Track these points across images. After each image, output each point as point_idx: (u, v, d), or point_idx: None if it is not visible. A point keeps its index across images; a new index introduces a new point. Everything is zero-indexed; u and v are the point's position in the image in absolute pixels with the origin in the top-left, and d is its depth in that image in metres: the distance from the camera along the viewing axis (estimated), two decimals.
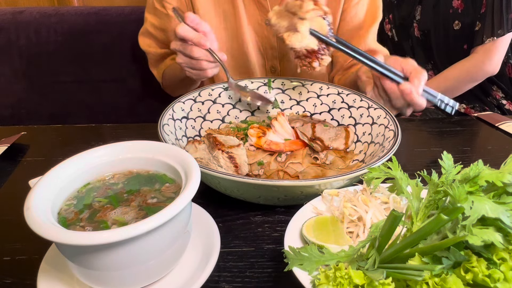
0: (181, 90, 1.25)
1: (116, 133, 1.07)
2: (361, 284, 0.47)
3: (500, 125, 1.07)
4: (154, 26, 1.22)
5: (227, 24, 1.18)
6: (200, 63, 0.92)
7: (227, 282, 0.61)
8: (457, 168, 0.53)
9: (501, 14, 1.45)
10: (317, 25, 0.86)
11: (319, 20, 0.86)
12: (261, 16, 1.15)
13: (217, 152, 0.80)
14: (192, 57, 0.91)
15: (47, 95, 1.62)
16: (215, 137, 0.83)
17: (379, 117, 0.91)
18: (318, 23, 0.86)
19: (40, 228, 0.46)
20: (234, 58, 1.19)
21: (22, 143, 0.99)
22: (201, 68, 0.93)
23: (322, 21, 0.86)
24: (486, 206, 0.44)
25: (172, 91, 1.34)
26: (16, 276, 0.62)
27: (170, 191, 0.59)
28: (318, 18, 0.86)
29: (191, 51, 0.90)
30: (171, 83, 1.27)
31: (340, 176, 0.68)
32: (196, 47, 0.90)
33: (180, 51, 0.92)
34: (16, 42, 1.54)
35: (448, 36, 1.59)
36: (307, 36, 0.86)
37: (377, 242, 0.49)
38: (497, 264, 0.43)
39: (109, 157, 0.62)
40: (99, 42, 1.56)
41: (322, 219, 0.62)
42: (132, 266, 0.51)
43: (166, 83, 1.30)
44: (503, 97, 1.65)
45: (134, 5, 1.63)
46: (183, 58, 0.93)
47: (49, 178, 0.56)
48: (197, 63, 0.92)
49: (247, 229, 0.71)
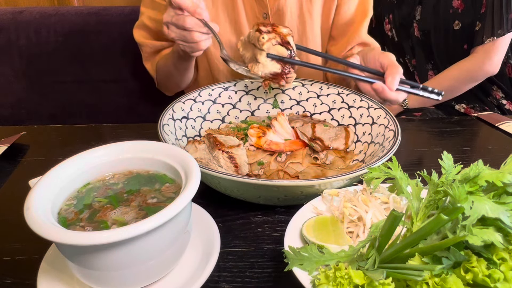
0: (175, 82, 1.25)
1: (116, 133, 1.07)
2: (361, 284, 0.47)
3: (500, 125, 1.07)
4: (150, 18, 1.20)
5: (226, 16, 1.18)
6: (192, 34, 0.91)
7: (227, 282, 0.61)
8: (457, 168, 0.53)
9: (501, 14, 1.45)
10: (276, 52, 0.91)
11: (277, 48, 0.91)
12: (259, 9, 1.15)
13: (217, 152, 0.80)
14: (185, 27, 0.90)
15: (47, 95, 1.62)
16: (215, 137, 0.83)
17: (379, 117, 0.91)
18: (276, 50, 0.91)
19: (40, 228, 0.46)
20: (233, 50, 1.19)
21: (22, 143, 0.99)
22: (193, 40, 0.92)
23: (280, 48, 0.91)
24: (486, 206, 0.44)
25: (166, 86, 1.32)
26: (16, 276, 0.62)
27: (170, 191, 0.59)
28: (276, 46, 0.91)
29: (184, 21, 0.89)
30: (165, 73, 1.24)
31: (340, 176, 0.68)
32: (189, 17, 0.89)
33: (172, 22, 0.91)
34: (16, 42, 1.54)
35: (448, 36, 1.59)
36: (267, 64, 0.92)
37: (377, 242, 0.49)
38: (497, 264, 0.43)
39: (109, 157, 0.62)
40: (99, 42, 1.56)
41: (322, 219, 0.62)
42: (132, 266, 0.51)
43: (159, 76, 1.28)
44: (503, 97, 1.65)
45: (134, 5, 1.63)
46: (175, 31, 0.92)
47: (49, 178, 0.56)
48: (189, 34, 0.91)
49: (247, 229, 0.71)
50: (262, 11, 1.15)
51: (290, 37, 0.93)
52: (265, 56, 0.91)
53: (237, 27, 1.18)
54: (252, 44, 0.94)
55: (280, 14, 1.16)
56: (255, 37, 0.93)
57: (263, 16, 1.16)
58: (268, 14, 1.16)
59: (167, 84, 1.29)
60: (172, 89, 1.32)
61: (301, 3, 1.17)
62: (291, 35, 0.94)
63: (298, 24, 1.19)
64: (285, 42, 0.92)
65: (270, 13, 1.16)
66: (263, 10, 1.15)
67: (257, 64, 0.92)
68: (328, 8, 1.20)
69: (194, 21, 0.90)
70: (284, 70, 0.93)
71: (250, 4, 1.16)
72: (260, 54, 0.91)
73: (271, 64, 0.92)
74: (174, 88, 1.31)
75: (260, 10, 1.15)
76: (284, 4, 1.15)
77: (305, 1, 1.17)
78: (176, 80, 1.24)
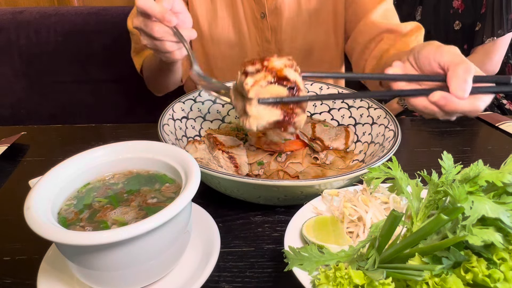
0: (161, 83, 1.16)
1: (116, 133, 1.07)
2: (361, 284, 0.47)
3: (500, 125, 1.07)
4: None
5: (225, 14, 1.17)
6: (164, 44, 0.79)
7: (227, 282, 0.61)
8: (457, 168, 0.53)
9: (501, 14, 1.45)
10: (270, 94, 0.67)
11: (270, 89, 0.66)
12: (257, 8, 1.15)
13: (217, 152, 0.80)
14: (154, 36, 0.77)
15: (47, 95, 1.62)
16: (215, 137, 0.83)
17: (379, 117, 0.91)
18: (269, 92, 0.67)
19: (40, 228, 0.46)
20: (231, 48, 1.18)
21: (22, 143, 0.99)
22: (166, 50, 0.80)
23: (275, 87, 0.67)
24: (486, 206, 0.44)
25: (154, 86, 1.23)
26: (16, 276, 0.62)
27: (170, 191, 0.59)
28: (269, 87, 0.66)
29: (151, 29, 0.76)
30: (151, 74, 1.16)
31: (340, 176, 0.68)
32: (158, 24, 0.76)
33: (141, 29, 0.79)
34: (16, 42, 1.54)
35: (448, 36, 1.59)
36: (262, 114, 0.68)
37: (377, 242, 0.49)
38: (497, 264, 0.43)
39: (109, 157, 0.62)
40: (99, 42, 1.56)
41: (322, 219, 0.62)
42: (132, 266, 0.51)
43: (147, 76, 1.20)
44: (503, 97, 1.65)
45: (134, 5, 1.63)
46: (146, 38, 0.80)
47: (49, 178, 0.56)
48: (160, 44, 0.79)
49: (247, 229, 0.71)
50: (260, 10, 1.15)
51: (287, 69, 0.68)
52: (256, 105, 0.67)
53: (237, 25, 1.17)
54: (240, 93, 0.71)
55: (278, 13, 1.15)
56: (241, 82, 0.69)
57: (261, 16, 1.15)
58: (265, 13, 1.15)
59: (155, 84, 1.22)
60: (161, 89, 1.25)
61: (299, 1, 1.15)
62: (288, 66, 0.69)
63: (298, 23, 1.16)
64: (280, 78, 0.67)
65: (268, 12, 1.14)
66: (261, 10, 1.14)
67: (247, 118, 0.68)
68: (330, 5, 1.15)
69: (163, 29, 0.77)
70: (287, 114, 0.68)
71: (248, 3, 1.15)
72: (249, 104, 0.68)
73: (268, 111, 0.68)
74: (162, 89, 1.23)
75: (258, 9, 1.15)
76: (281, 2, 1.13)
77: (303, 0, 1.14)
78: (162, 81, 1.15)
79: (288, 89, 0.67)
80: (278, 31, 1.16)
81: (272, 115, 0.68)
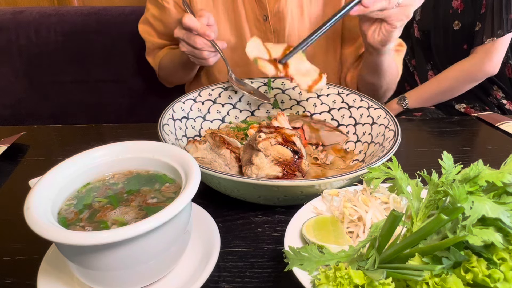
0: (179, 77, 1.31)
1: (116, 133, 1.07)
2: (361, 284, 0.47)
3: (500, 125, 1.07)
4: (154, 16, 1.24)
5: (226, 18, 1.18)
6: (202, 53, 0.98)
7: (227, 282, 0.61)
8: (457, 168, 0.53)
9: (501, 14, 1.45)
10: (275, 153, 0.76)
11: (277, 148, 0.76)
12: (259, 11, 1.15)
13: (225, 150, 0.80)
14: (195, 47, 0.97)
15: (47, 95, 1.62)
16: (223, 137, 0.83)
17: (379, 117, 0.91)
18: (276, 151, 0.76)
19: (40, 228, 0.46)
20: (233, 51, 1.19)
21: (22, 143, 0.99)
22: (203, 57, 1.00)
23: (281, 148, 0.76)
24: (486, 206, 0.44)
25: (168, 80, 1.36)
26: (16, 276, 0.62)
27: (170, 191, 0.59)
28: (276, 146, 0.76)
29: (194, 42, 0.96)
30: (170, 69, 1.29)
31: (340, 176, 0.68)
32: (199, 37, 0.96)
33: (183, 40, 0.98)
34: (16, 42, 1.54)
35: (448, 36, 1.59)
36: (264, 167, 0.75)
37: (377, 242, 0.49)
38: (497, 264, 0.43)
39: (109, 157, 0.62)
40: (99, 42, 1.56)
41: (322, 219, 0.62)
42: (132, 266, 0.51)
43: (163, 71, 1.33)
44: (503, 97, 1.65)
45: (134, 5, 1.63)
46: (186, 47, 1.00)
47: (49, 178, 0.56)
48: (199, 53, 0.98)
49: (247, 229, 0.71)
50: (262, 13, 1.15)
51: (296, 138, 0.79)
52: (262, 157, 0.75)
53: (237, 28, 1.18)
54: (250, 145, 0.79)
55: (280, 17, 1.15)
56: (253, 137, 0.79)
57: (263, 18, 1.15)
58: (267, 16, 1.15)
59: (170, 78, 1.35)
60: (175, 83, 1.38)
61: (302, 5, 1.15)
62: (297, 136, 0.80)
63: (300, 27, 1.17)
64: (287, 142, 0.77)
65: (270, 15, 1.15)
66: (263, 12, 1.15)
67: (250, 166, 0.75)
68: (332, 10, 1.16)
69: (203, 41, 0.96)
70: (287, 174, 0.75)
71: (250, 6, 1.15)
72: (256, 155, 0.75)
73: (269, 166, 0.75)
74: (177, 82, 1.37)
75: (261, 12, 1.15)
76: (284, 6, 1.13)
77: (306, 4, 1.15)
78: (180, 76, 1.30)
79: (293, 152, 0.76)
80: (281, 34, 1.17)
81: (273, 171, 0.75)
